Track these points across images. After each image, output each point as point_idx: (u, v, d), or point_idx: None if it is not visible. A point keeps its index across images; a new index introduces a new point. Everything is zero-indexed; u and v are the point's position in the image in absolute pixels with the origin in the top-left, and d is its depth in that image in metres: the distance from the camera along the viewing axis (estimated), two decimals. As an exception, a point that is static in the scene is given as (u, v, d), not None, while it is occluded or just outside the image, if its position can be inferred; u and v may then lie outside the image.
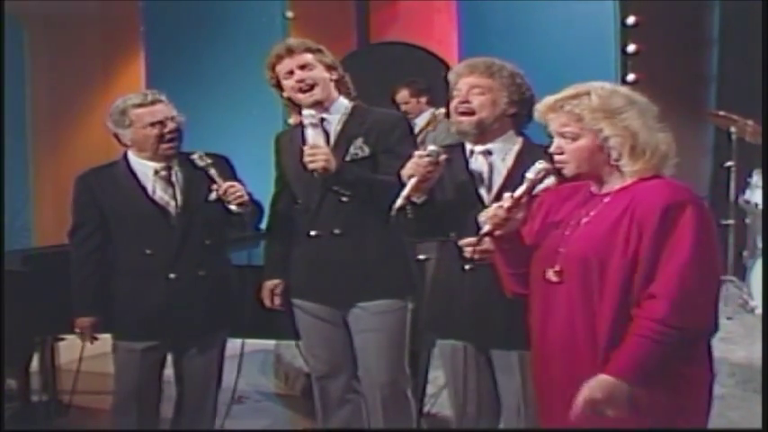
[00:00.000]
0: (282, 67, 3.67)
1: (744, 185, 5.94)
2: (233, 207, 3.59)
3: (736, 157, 6.04)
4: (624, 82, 6.54)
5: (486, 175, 3.23)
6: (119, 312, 3.73)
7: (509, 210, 2.70)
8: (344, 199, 3.60)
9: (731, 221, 6.05)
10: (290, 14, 8.11)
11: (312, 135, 3.55)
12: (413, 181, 3.12)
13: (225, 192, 3.59)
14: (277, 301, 3.80)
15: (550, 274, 2.61)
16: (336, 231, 3.62)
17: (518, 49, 6.61)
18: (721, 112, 6.19)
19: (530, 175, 2.77)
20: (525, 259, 2.74)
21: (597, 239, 2.54)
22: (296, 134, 3.74)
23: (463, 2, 7.63)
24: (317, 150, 3.51)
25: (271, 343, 5.66)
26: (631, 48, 6.62)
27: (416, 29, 8.25)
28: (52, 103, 8.49)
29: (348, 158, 3.59)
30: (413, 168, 3.14)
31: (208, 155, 3.72)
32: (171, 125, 3.69)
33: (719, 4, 6.84)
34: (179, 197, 3.70)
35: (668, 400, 2.49)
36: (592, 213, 2.61)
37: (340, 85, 3.72)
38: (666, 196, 2.49)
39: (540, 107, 2.68)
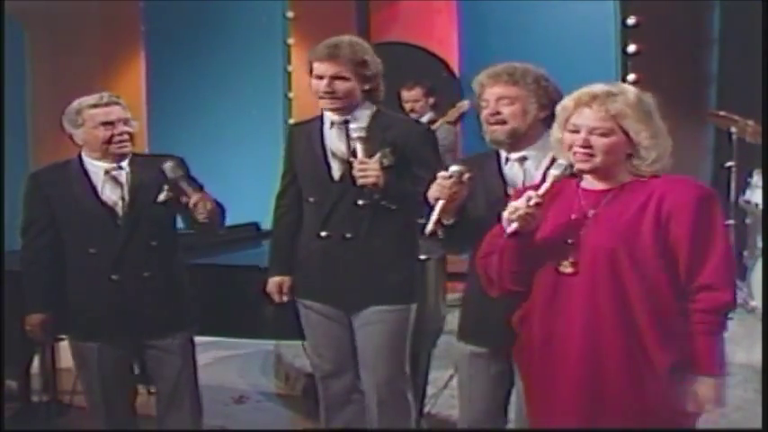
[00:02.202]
0: (315, 68, 3.61)
1: (744, 186, 5.93)
2: (199, 218, 3.59)
3: (737, 158, 6.05)
4: (624, 82, 6.53)
5: (519, 183, 3.14)
6: (69, 311, 3.73)
7: (536, 205, 2.72)
8: (360, 203, 3.58)
9: (731, 222, 6.04)
10: (290, 14, 8.12)
11: (360, 149, 3.50)
12: (440, 204, 3.00)
13: (195, 205, 3.58)
14: (286, 297, 3.80)
15: (565, 266, 2.70)
16: (348, 235, 3.62)
17: (518, 50, 6.59)
18: (722, 113, 6.19)
19: (555, 171, 2.78)
20: (532, 256, 2.78)
21: (620, 229, 2.65)
22: (313, 130, 3.71)
23: (463, 2, 7.62)
24: (367, 166, 3.47)
25: (271, 343, 5.65)
26: (632, 48, 6.62)
27: (416, 29, 8.25)
28: (52, 102, 8.44)
29: None
30: (438, 191, 3.02)
31: (160, 157, 3.71)
32: (122, 128, 3.69)
33: (719, 4, 6.83)
34: (127, 197, 3.70)
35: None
36: (602, 204, 2.70)
37: (372, 94, 3.66)
38: (696, 190, 2.67)
39: (571, 102, 2.73)
